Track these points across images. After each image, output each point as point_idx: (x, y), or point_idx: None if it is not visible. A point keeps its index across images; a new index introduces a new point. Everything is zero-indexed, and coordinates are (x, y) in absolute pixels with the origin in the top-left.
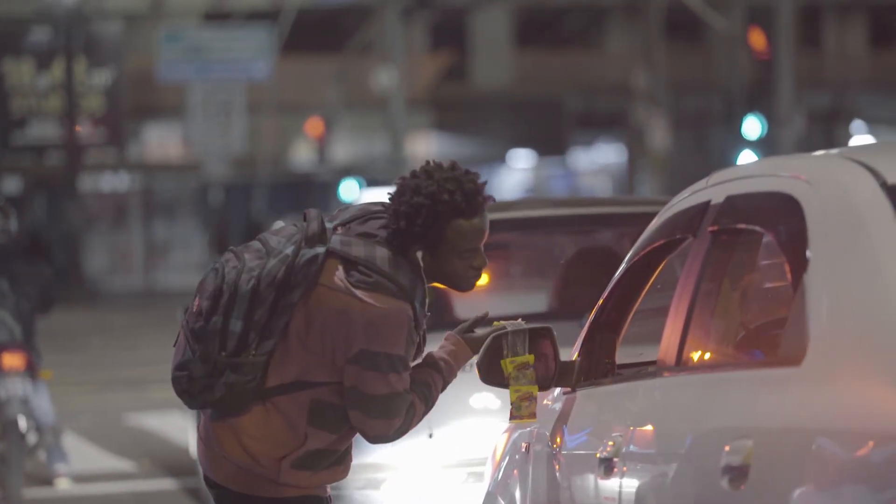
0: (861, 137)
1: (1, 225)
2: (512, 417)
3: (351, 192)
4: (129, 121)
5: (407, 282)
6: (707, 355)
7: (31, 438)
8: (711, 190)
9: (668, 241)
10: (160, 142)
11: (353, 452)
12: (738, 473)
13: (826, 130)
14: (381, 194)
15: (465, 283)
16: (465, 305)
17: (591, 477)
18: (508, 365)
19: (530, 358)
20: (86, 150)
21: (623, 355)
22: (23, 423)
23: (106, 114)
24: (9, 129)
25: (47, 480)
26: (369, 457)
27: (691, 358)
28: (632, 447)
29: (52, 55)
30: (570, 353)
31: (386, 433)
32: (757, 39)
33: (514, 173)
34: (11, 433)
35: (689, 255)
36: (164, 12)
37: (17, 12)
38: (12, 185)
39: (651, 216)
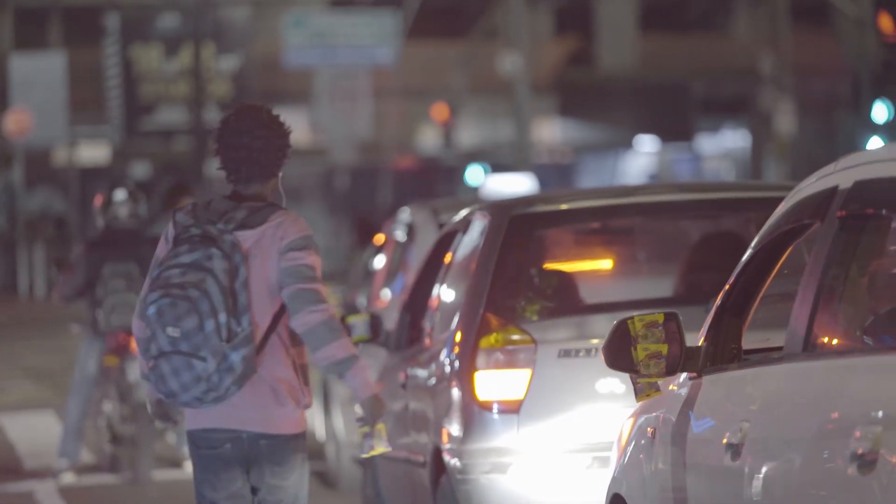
0: None
1: (130, 210)
2: (638, 398)
3: (476, 177)
4: None
5: None
6: (835, 341)
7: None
8: (839, 175)
9: (795, 226)
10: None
11: (480, 437)
12: (866, 460)
13: None
14: (507, 180)
15: None
16: (591, 290)
17: (718, 463)
18: (640, 352)
19: (663, 347)
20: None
21: (749, 340)
22: None
23: (233, 99)
24: (137, 114)
25: (177, 462)
26: (495, 441)
27: (819, 343)
28: (759, 433)
29: (180, 41)
30: (696, 339)
31: None
32: (886, 23)
33: (639, 158)
34: (141, 416)
35: (817, 241)
36: None
37: None
38: (141, 170)
39: (777, 201)
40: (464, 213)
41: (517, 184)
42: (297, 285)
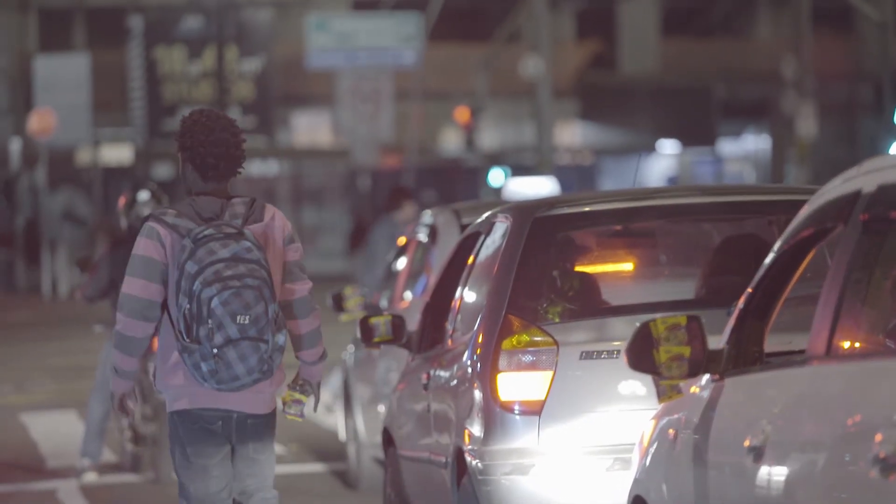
0: None
1: (153, 210)
2: (660, 401)
3: (498, 179)
4: (278, 108)
5: None
6: (857, 344)
7: None
8: (863, 179)
9: (818, 229)
10: (309, 128)
11: (501, 439)
12: (888, 464)
13: None
14: (528, 182)
15: None
16: (613, 292)
17: (740, 465)
18: (663, 354)
19: (685, 350)
20: None
21: (772, 343)
22: None
23: (255, 101)
24: (160, 115)
25: None
26: (516, 442)
27: (842, 346)
28: (780, 436)
29: (203, 43)
30: (719, 341)
31: None
32: None
33: (660, 160)
34: (162, 415)
35: (840, 244)
36: (312, 1)
37: (170, 1)
38: (163, 170)
39: (800, 204)
40: (486, 215)
41: (539, 186)
42: (307, 282)
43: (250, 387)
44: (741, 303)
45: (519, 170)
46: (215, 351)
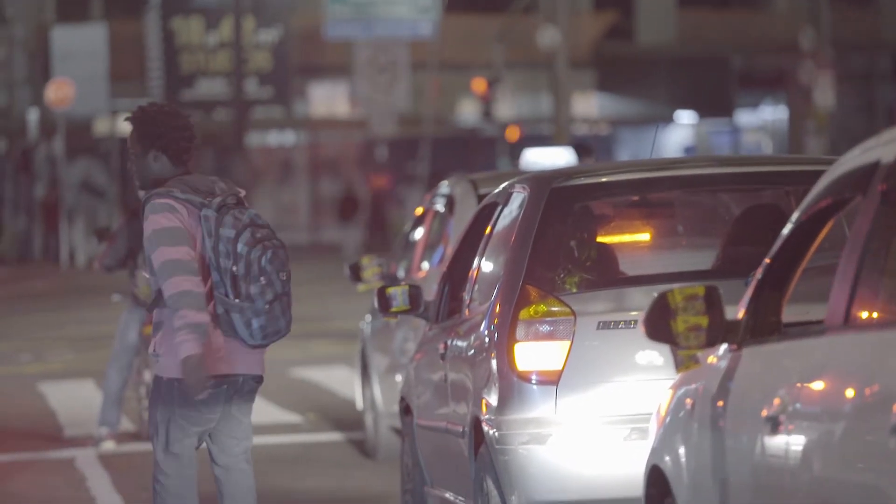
0: None
1: None
2: (678, 370)
3: (514, 136)
4: (295, 78)
5: None
6: (875, 314)
7: None
8: (881, 149)
9: (836, 199)
10: (326, 99)
11: (518, 408)
12: None
13: None
14: (546, 153)
15: None
16: (630, 263)
17: (757, 435)
18: (680, 324)
19: (703, 320)
20: (253, 107)
21: (789, 314)
22: None
23: (273, 71)
24: (178, 86)
25: None
26: (534, 412)
27: (859, 316)
28: (798, 406)
29: (220, 13)
30: (736, 312)
31: None
32: None
33: (677, 130)
34: None
35: (858, 214)
36: None
37: None
38: None
39: (817, 175)
40: (504, 185)
41: (556, 157)
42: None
43: (282, 338)
44: (759, 273)
45: (536, 141)
46: (267, 307)
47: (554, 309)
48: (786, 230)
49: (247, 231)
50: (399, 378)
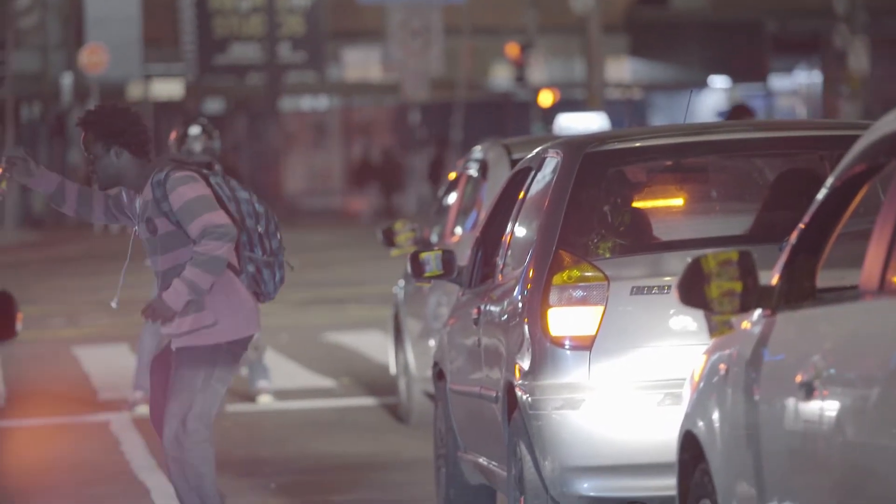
0: None
1: (204, 145)
2: (711, 336)
3: (547, 102)
4: (328, 43)
5: None
6: None
7: None
8: None
9: (871, 164)
10: (359, 63)
11: (552, 373)
12: None
13: None
14: (579, 118)
15: None
16: (664, 227)
17: (791, 400)
18: (714, 289)
19: (737, 285)
20: (286, 71)
21: (824, 279)
22: None
23: (306, 36)
24: (211, 50)
25: (250, 397)
26: (567, 377)
27: (894, 282)
28: (833, 371)
29: None
30: (770, 277)
31: None
32: None
33: (711, 95)
34: None
35: (893, 179)
36: None
37: None
38: (214, 105)
39: (852, 139)
40: (537, 150)
41: (589, 122)
42: None
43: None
44: (793, 238)
45: (569, 105)
46: (282, 259)
47: (587, 274)
48: (820, 195)
49: (249, 206)
50: (432, 343)
